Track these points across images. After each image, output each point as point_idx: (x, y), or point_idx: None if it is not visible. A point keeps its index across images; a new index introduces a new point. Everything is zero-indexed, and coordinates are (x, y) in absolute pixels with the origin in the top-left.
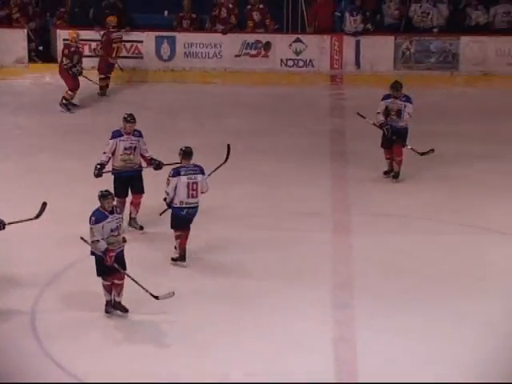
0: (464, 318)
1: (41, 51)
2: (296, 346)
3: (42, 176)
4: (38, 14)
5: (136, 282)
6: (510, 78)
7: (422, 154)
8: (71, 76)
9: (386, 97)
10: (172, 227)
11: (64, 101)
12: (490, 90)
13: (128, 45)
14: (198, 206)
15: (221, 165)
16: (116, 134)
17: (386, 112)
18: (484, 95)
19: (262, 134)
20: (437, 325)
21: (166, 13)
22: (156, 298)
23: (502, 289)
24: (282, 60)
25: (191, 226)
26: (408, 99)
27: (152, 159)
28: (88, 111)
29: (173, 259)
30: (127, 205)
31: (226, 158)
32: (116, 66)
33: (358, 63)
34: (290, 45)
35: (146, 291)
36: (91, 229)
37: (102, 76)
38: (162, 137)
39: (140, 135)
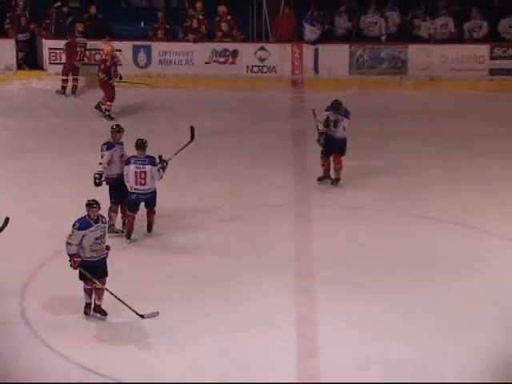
0: (413, 302)
1: (28, 59)
2: (262, 325)
3: (27, 173)
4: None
5: (121, 301)
6: (452, 81)
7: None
8: (110, 88)
9: (328, 108)
10: (127, 209)
11: (106, 112)
12: (435, 92)
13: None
14: (149, 193)
15: (186, 145)
16: (110, 146)
17: (327, 122)
18: (429, 97)
19: (231, 134)
20: (388, 306)
21: (142, 24)
22: (141, 316)
23: (448, 273)
24: (247, 66)
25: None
26: (346, 114)
27: None
28: (70, 113)
29: (126, 236)
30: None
31: (191, 139)
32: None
33: (316, 69)
34: (255, 53)
35: (131, 310)
36: (72, 232)
37: (64, 77)
38: (139, 137)
39: (122, 143)
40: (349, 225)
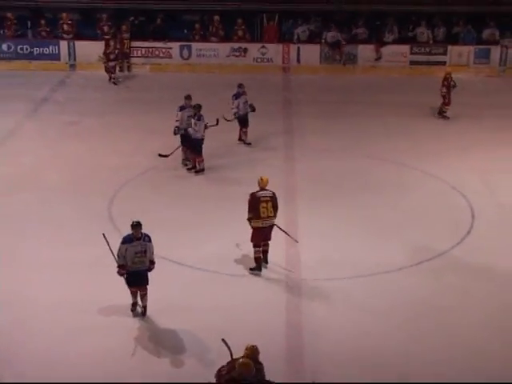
0: (360, 211)
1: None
2: None
3: (109, 128)
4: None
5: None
6: (386, 69)
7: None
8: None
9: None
10: None
11: (442, 113)
12: (375, 76)
13: (164, 50)
14: None
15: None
16: (182, 108)
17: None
18: (372, 79)
19: None
20: (344, 213)
21: (185, 31)
22: None
23: (384, 193)
24: (254, 58)
25: None
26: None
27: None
28: (137, 88)
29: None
30: None
31: (216, 124)
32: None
33: (298, 60)
34: (259, 49)
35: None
36: (119, 246)
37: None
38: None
39: (191, 106)
40: (321, 161)
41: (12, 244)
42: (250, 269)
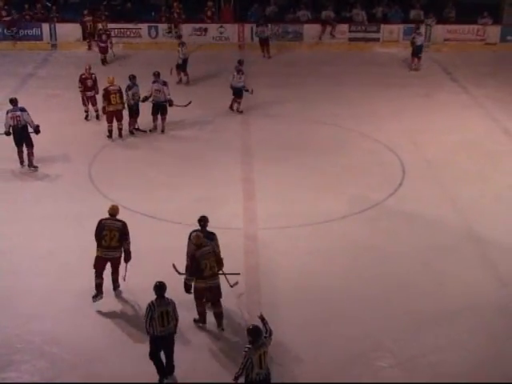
0: (308, 167)
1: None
2: (221, 182)
3: None
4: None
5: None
6: (329, 45)
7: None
8: None
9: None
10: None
11: None
12: (319, 50)
13: (134, 31)
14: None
15: (182, 106)
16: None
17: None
18: (315, 54)
19: (204, 74)
20: (297, 172)
21: (152, 14)
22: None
23: (328, 151)
24: (213, 37)
25: None
26: (164, 83)
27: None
28: (112, 64)
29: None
30: None
31: (186, 105)
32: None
33: (252, 38)
34: (217, 29)
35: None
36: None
37: None
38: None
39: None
40: (274, 125)
41: (10, 199)
42: (107, 136)
